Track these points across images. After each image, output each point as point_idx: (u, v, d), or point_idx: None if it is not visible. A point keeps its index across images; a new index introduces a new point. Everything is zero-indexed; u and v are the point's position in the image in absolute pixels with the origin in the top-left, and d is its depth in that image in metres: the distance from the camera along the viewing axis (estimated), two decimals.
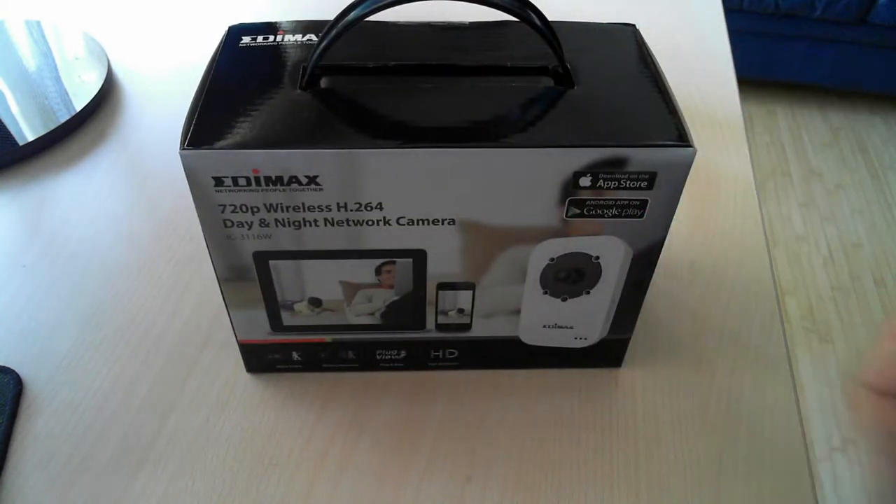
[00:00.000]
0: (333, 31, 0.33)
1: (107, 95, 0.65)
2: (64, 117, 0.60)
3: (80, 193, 0.55)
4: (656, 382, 0.44)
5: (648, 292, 0.40)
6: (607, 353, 0.43)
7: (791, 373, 0.44)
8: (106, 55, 0.67)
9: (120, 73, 0.68)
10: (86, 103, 0.61)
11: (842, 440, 1.36)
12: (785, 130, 2.12)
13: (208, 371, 0.44)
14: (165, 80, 0.67)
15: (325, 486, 0.39)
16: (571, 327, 0.41)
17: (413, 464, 0.40)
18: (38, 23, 0.71)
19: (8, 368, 0.43)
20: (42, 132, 0.58)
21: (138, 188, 0.56)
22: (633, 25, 0.40)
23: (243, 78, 0.35)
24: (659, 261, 0.48)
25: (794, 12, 2.01)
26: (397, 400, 0.42)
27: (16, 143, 0.58)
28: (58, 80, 0.64)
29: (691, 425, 0.42)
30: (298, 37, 0.37)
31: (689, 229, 0.53)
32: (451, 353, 0.43)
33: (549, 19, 0.36)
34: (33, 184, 0.56)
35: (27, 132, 0.58)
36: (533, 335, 0.41)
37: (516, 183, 0.33)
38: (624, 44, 0.38)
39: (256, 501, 0.38)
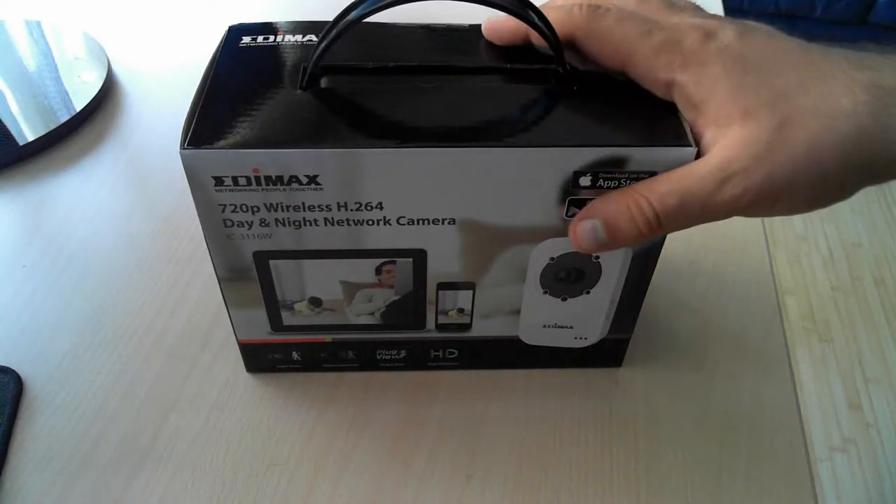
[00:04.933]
0: (333, 32, 0.33)
1: (107, 95, 0.65)
2: (64, 117, 0.60)
3: (80, 193, 0.55)
4: (656, 382, 0.44)
5: (649, 292, 0.40)
6: (607, 353, 0.43)
7: (791, 373, 0.44)
8: (106, 55, 0.67)
9: (120, 73, 0.68)
10: (86, 103, 0.61)
11: (842, 440, 1.36)
12: None
13: (208, 371, 0.44)
14: (165, 80, 0.67)
15: (325, 486, 0.39)
16: (571, 327, 0.41)
17: (413, 464, 0.40)
18: (38, 23, 0.71)
19: (8, 368, 0.43)
20: (42, 132, 0.58)
21: (138, 188, 0.56)
22: None
23: (243, 78, 0.34)
24: (659, 260, 0.48)
25: (794, 12, 2.01)
26: (397, 400, 0.42)
27: (16, 143, 0.58)
28: (58, 80, 0.64)
29: (691, 425, 0.42)
30: (298, 37, 0.37)
31: (689, 230, 0.53)
32: (451, 353, 0.43)
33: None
34: (33, 184, 0.56)
35: (27, 132, 0.58)
36: (533, 335, 0.41)
37: (516, 182, 0.33)
38: None
39: (256, 501, 0.38)
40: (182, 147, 0.31)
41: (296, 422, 0.41)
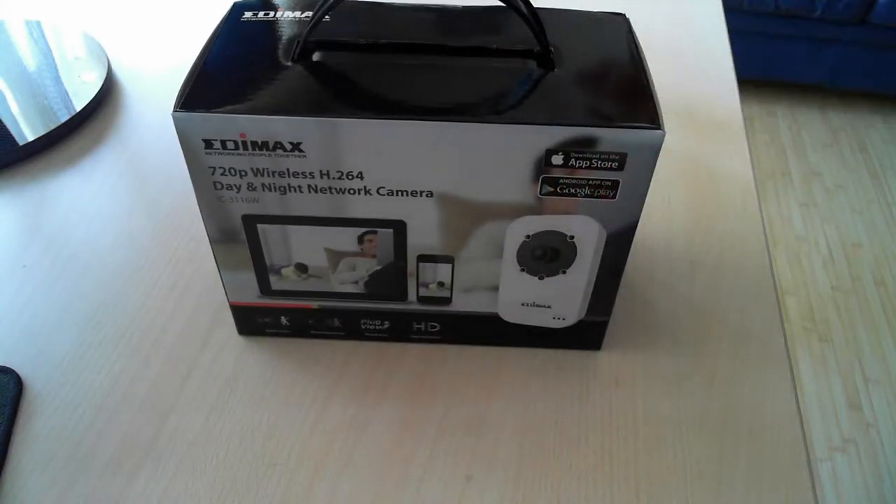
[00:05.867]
0: (325, 6, 0.34)
1: (107, 95, 0.65)
2: (64, 117, 0.60)
3: (80, 193, 0.55)
4: (657, 382, 0.44)
5: (649, 290, 0.40)
6: (586, 335, 0.44)
7: (791, 373, 0.44)
8: (106, 55, 0.67)
9: (120, 73, 0.68)
10: (86, 103, 0.61)
11: (842, 440, 1.36)
12: (785, 130, 2.12)
13: (208, 371, 0.44)
14: (165, 80, 0.67)
15: (325, 486, 0.39)
16: (549, 307, 0.42)
17: (413, 464, 0.40)
18: (38, 23, 0.71)
19: (8, 368, 0.43)
20: (42, 132, 0.58)
21: (138, 188, 0.56)
22: (623, 14, 0.40)
23: (240, 49, 0.36)
24: (659, 259, 0.48)
25: (794, 12, 2.01)
26: (397, 400, 0.43)
27: (16, 143, 0.58)
28: (58, 80, 0.64)
29: (691, 424, 0.42)
30: (297, 13, 0.39)
31: (690, 229, 0.53)
32: (432, 327, 0.43)
33: (548, 7, 0.36)
34: (33, 184, 0.56)
35: (27, 132, 0.58)
36: (512, 312, 0.42)
37: (491, 158, 0.34)
38: (612, 31, 0.39)
39: (256, 501, 0.38)
40: (175, 110, 0.33)
41: (296, 421, 0.41)
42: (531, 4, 0.35)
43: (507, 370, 0.44)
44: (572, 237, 0.37)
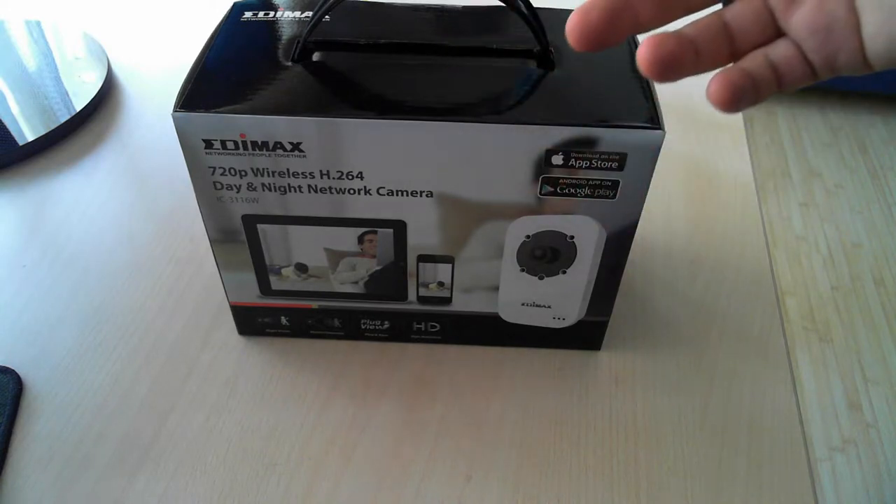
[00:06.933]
0: (325, 6, 0.34)
1: (107, 95, 0.65)
2: (64, 117, 0.60)
3: (80, 193, 0.55)
4: (656, 382, 0.44)
5: (649, 290, 0.40)
6: (586, 335, 0.44)
7: (791, 373, 0.44)
8: (106, 55, 0.67)
9: (120, 73, 0.68)
10: (86, 103, 0.61)
11: (842, 440, 1.36)
12: (785, 130, 2.12)
13: (208, 371, 0.44)
14: (165, 80, 0.67)
15: (325, 486, 0.39)
16: (549, 307, 0.42)
17: (413, 464, 0.40)
18: (38, 23, 0.71)
19: (8, 368, 0.43)
20: (42, 132, 0.58)
21: (138, 188, 0.56)
22: None
23: (240, 49, 0.36)
24: (660, 259, 0.48)
25: None
26: (397, 400, 0.43)
27: (16, 143, 0.58)
28: (58, 80, 0.64)
29: (691, 424, 0.42)
30: (297, 13, 0.39)
31: (690, 229, 0.53)
32: (433, 327, 0.44)
33: (548, 7, 0.37)
34: (33, 184, 0.56)
35: (27, 132, 0.58)
36: (512, 313, 0.42)
37: (491, 158, 0.34)
38: None
39: (256, 501, 0.38)
40: (175, 110, 0.33)
41: (296, 421, 0.41)
42: (531, 4, 0.35)
43: (507, 370, 0.44)
44: (572, 237, 0.37)
